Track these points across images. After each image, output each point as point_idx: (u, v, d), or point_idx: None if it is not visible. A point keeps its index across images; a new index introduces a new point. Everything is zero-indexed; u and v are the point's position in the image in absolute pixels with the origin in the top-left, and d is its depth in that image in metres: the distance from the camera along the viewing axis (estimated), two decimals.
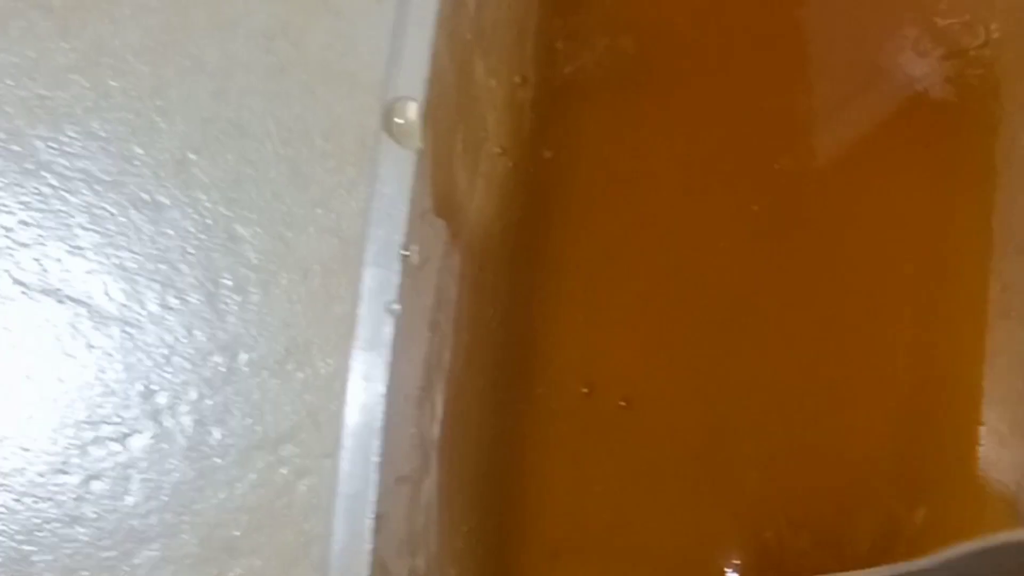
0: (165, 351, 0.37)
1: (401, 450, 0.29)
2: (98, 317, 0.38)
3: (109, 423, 0.37)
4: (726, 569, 0.36)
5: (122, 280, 0.38)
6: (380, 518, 0.28)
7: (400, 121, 0.28)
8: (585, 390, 0.36)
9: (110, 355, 0.37)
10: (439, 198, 0.32)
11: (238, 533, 0.36)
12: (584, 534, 0.36)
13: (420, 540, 0.32)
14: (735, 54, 0.38)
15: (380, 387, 0.28)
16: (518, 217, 0.37)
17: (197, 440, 0.37)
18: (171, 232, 0.38)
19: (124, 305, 0.38)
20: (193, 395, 0.37)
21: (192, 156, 0.39)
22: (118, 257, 0.38)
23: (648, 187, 0.37)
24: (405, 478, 0.30)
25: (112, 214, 0.38)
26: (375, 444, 0.28)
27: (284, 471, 0.36)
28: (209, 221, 0.38)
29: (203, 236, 0.38)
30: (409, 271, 0.29)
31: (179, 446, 0.37)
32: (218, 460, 0.37)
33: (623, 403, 0.36)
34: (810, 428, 0.36)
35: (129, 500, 0.37)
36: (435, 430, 0.34)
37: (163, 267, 0.38)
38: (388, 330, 0.28)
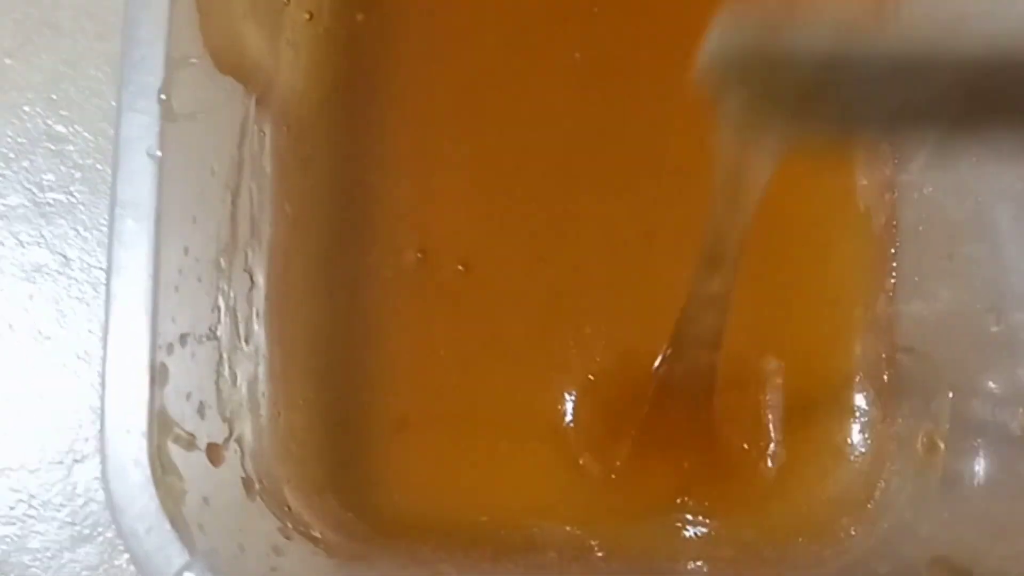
0: None
1: (185, 306, 0.28)
2: None
3: None
4: (567, 420, 0.35)
5: None
6: (158, 370, 0.27)
7: None
8: (419, 255, 0.35)
9: None
10: (219, 54, 0.31)
11: None
12: (430, 401, 0.35)
13: (239, 407, 0.31)
14: None
15: (145, 239, 0.27)
16: (336, 85, 0.36)
17: None
18: None
19: None
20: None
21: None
22: None
23: (468, 44, 0.36)
24: (199, 336, 0.29)
25: None
26: (142, 299, 0.26)
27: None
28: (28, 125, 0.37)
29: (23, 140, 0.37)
30: (173, 117, 0.28)
31: None
32: None
33: (461, 267, 0.35)
34: (644, 278, 0.35)
35: None
36: (256, 299, 0.33)
37: None
38: (150, 176, 0.27)
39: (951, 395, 0.31)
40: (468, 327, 0.36)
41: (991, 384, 0.30)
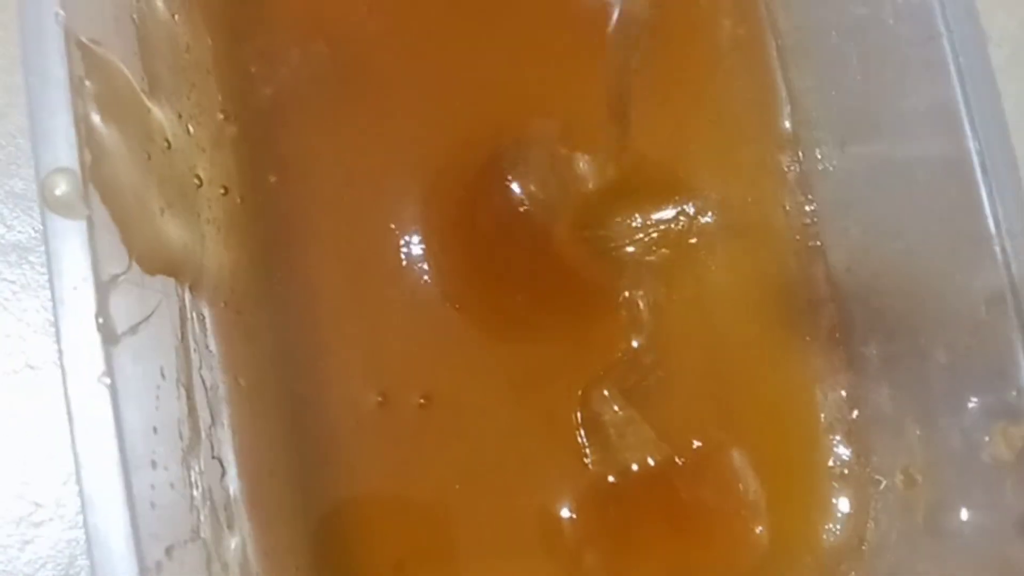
0: None
1: (165, 519, 0.28)
2: None
3: None
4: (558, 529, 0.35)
5: None
6: None
7: (58, 192, 0.27)
8: (379, 398, 0.36)
9: None
10: (146, 258, 0.31)
11: None
12: (421, 538, 0.36)
13: None
14: (430, 34, 0.38)
15: (113, 467, 0.27)
16: (264, 250, 0.36)
17: None
18: None
19: None
20: None
21: None
22: None
23: (377, 181, 0.37)
24: (184, 541, 0.29)
25: None
26: (122, 528, 0.26)
27: None
28: None
29: None
30: (115, 339, 0.28)
31: None
32: None
33: (423, 400, 0.36)
34: None
35: None
36: (230, 483, 0.33)
37: None
38: (106, 404, 0.27)
39: (917, 431, 0.32)
40: (440, 459, 0.36)
41: (954, 413, 0.31)
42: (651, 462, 0.35)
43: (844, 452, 0.35)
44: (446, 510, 0.35)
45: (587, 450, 0.35)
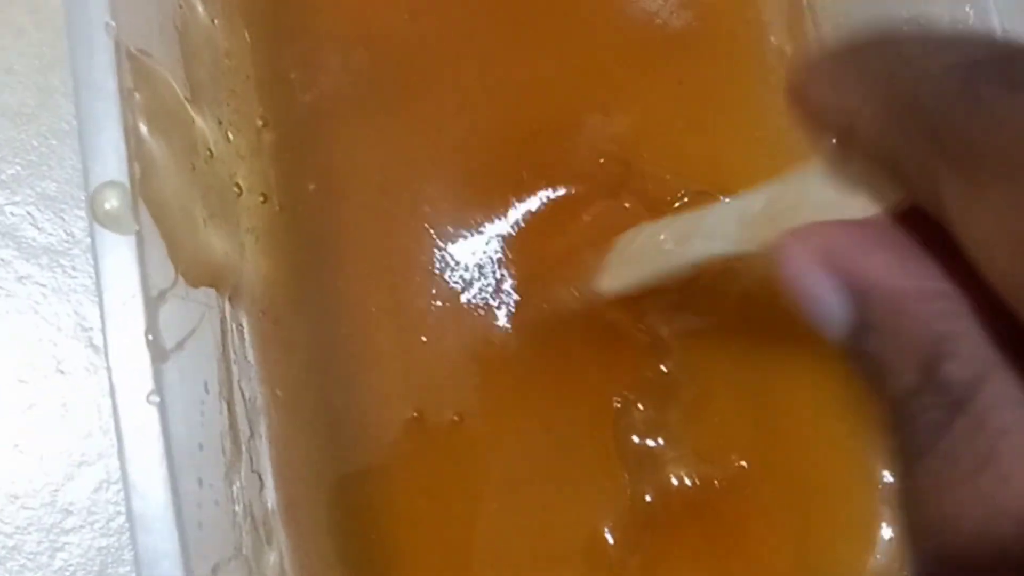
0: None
1: (211, 537, 0.28)
2: None
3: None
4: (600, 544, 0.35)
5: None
6: None
7: (108, 207, 0.27)
8: (415, 414, 0.35)
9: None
10: (190, 270, 0.30)
11: None
12: (453, 556, 0.35)
13: None
14: (471, 41, 0.37)
15: (161, 488, 0.26)
16: (303, 259, 0.36)
17: None
18: None
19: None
20: None
21: None
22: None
23: (416, 190, 0.36)
24: (228, 559, 0.29)
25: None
26: (172, 548, 0.26)
27: None
28: None
29: None
30: (164, 356, 0.27)
31: None
32: None
33: (456, 418, 0.35)
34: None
35: None
36: (268, 497, 0.33)
37: None
38: (155, 424, 0.27)
39: None
40: (477, 477, 0.36)
41: None
42: (688, 482, 0.34)
43: (883, 473, 0.35)
44: (481, 528, 0.35)
45: (624, 469, 0.35)
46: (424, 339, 0.36)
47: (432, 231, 0.36)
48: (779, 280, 0.17)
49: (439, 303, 0.36)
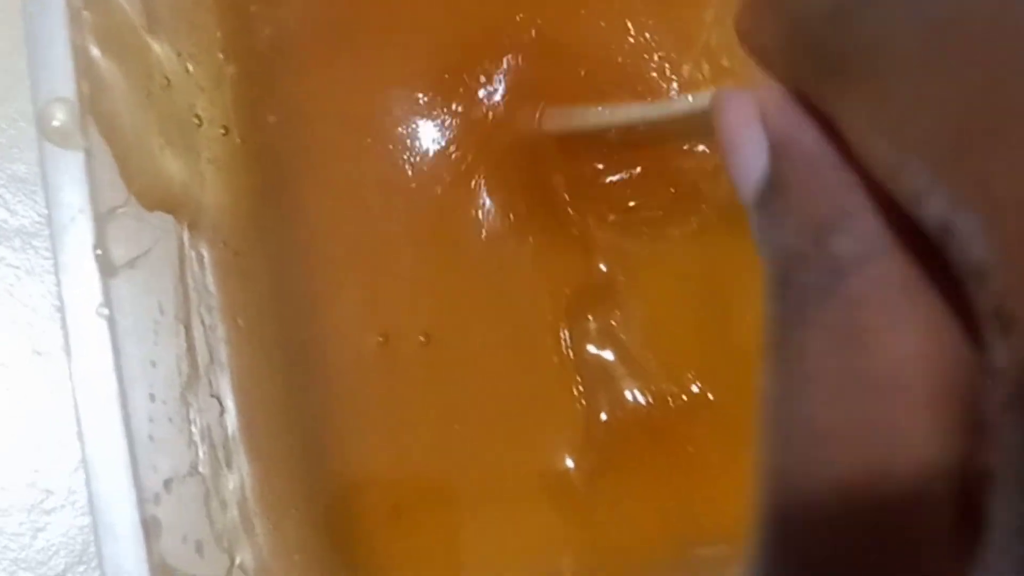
0: None
1: (163, 451, 0.28)
2: None
3: None
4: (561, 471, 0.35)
5: None
6: (150, 524, 0.27)
7: (56, 123, 0.27)
8: (381, 339, 0.36)
9: None
10: (144, 193, 0.31)
11: None
12: (418, 482, 0.36)
13: (235, 533, 0.31)
14: None
15: (112, 397, 0.27)
16: (264, 190, 0.36)
17: None
18: None
19: None
20: None
21: None
22: None
23: (377, 120, 0.36)
24: (183, 476, 0.29)
25: None
26: (120, 458, 0.26)
27: None
28: None
29: None
30: (113, 271, 0.28)
31: None
32: None
33: (423, 339, 0.36)
34: None
35: None
36: (229, 422, 0.33)
37: None
38: (104, 336, 0.27)
39: None
40: (441, 398, 0.36)
41: None
42: (642, 400, 0.35)
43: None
44: (444, 452, 0.36)
45: (580, 386, 0.35)
46: (388, 264, 0.36)
47: (392, 160, 0.36)
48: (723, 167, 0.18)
49: (400, 229, 0.36)
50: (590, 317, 0.35)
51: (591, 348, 0.35)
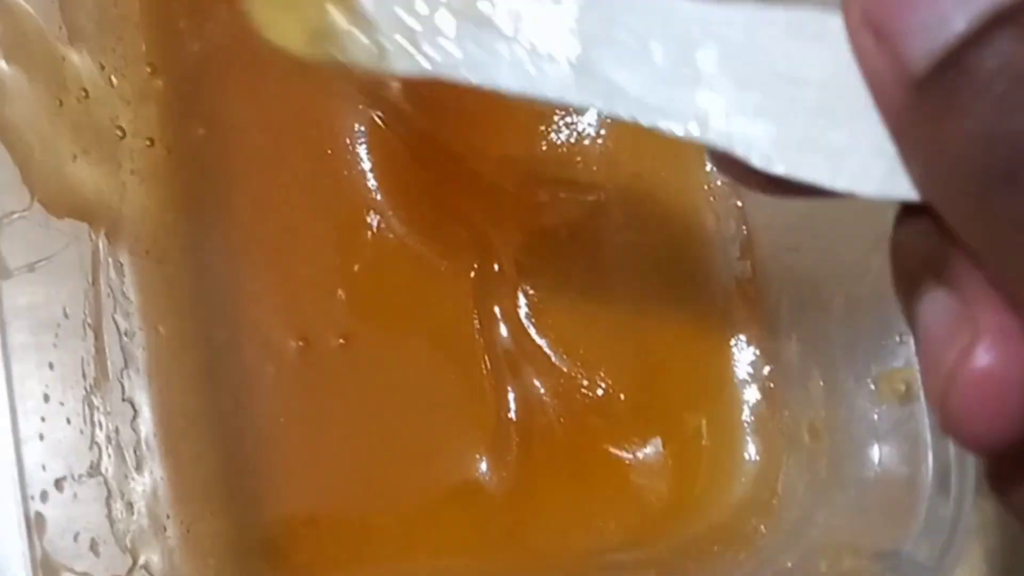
0: None
1: (56, 451, 0.29)
2: None
3: None
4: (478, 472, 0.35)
5: None
6: (33, 520, 0.27)
7: None
8: (300, 343, 0.36)
9: None
10: (52, 201, 0.31)
11: None
12: (337, 486, 0.36)
13: (142, 533, 0.32)
14: None
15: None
16: (189, 200, 0.37)
17: None
18: None
19: None
20: None
21: None
22: None
23: (304, 134, 0.37)
24: (79, 476, 0.30)
25: None
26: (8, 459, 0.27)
27: None
28: None
29: None
30: (7, 273, 0.28)
31: None
32: None
33: (342, 340, 0.36)
34: None
35: None
36: (143, 426, 0.34)
37: None
38: None
39: (821, 382, 0.32)
40: (355, 402, 0.36)
41: (850, 364, 0.31)
42: (548, 399, 0.35)
43: (757, 406, 0.35)
44: (361, 457, 0.36)
45: (493, 376, 0.35)
46: (308, 269, 0.36)
47: (314, 167, 0.37)
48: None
49: (320, 235, 0.36)
50: (496, 310, 0.35)
51: (505, 343, 0.35)
